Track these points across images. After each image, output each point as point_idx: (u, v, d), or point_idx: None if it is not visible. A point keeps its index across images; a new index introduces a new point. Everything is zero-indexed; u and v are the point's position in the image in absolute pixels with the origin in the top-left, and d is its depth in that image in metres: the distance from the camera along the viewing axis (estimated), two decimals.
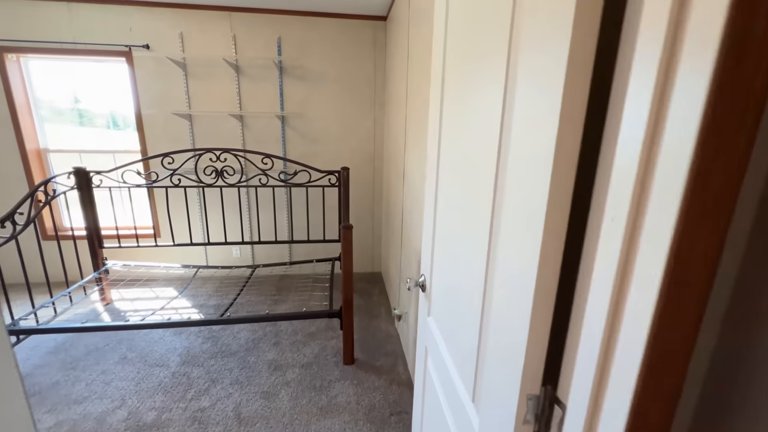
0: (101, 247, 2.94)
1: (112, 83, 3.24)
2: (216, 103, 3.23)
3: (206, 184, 2.90)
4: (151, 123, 3.21)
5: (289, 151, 3.43)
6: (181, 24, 3.05)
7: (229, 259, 3.59)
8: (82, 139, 3.31)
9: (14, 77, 3.02)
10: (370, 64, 3.32)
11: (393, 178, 2.92)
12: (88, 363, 2.30)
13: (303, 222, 3.51)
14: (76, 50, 2.99)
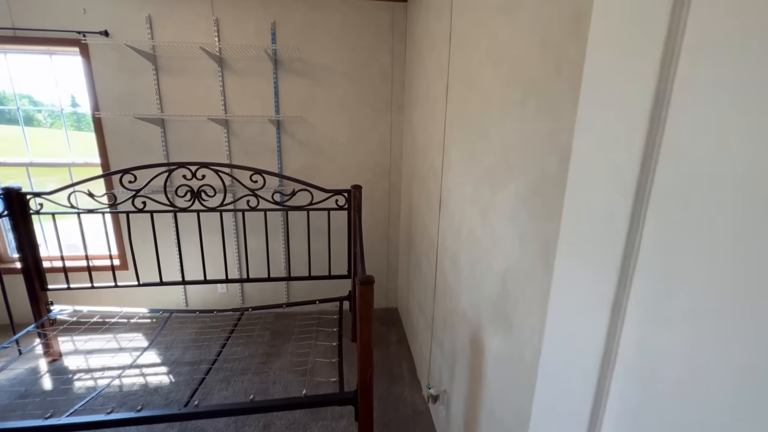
0: (44, 289, 2.29)
1: (67, 79, 2.60)
2: (194, 104, 2.59)
3: (178, 208, 2.25)
4: (113, 129, 2.57)
5: (286, 164, 2.77)
6: (151, 6, 2.41)
7: (213, 296, 2.93)
8: (37, 146, 2.66)
9: None
10: (386, 55, 2.67)
11: (420, 200, 2.27)
12: None
13: (303, 252, 2.85)
14: (18, 38, 2.36)
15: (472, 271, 1.35)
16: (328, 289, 2.97)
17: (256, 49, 2.48)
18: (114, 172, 2.15)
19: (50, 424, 1.45)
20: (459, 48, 1.49)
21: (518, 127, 1.00)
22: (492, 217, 1.17)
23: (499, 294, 1.13)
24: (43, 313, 2.29)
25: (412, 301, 2.53)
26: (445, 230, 1.72)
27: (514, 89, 1.02)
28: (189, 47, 2.41)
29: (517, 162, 1.01)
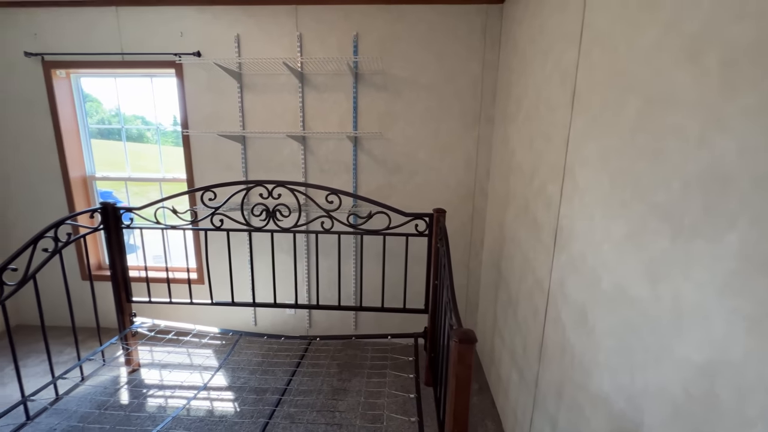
0: (129, 301, 2.35)
1: (164, 99, 2.74)
2: (274, 120, 2.54)
3: (253, 227, 2.17)
4: (199, 146, 2.62)
5: (361, 182, 2.60)
6: (238, 24, 2.43)
7: (281, 318, 2.82)
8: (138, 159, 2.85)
9: (62, 96, 2.64)
10: (476, 64, 2.39)
11: (519, 229, 1.90)
12: None
13: (375, 279, 2.63)
14: (125, 62, 2.53)
15: (625, 343, 0.97)
16: (400, 319, 2.70)
17: (337, 63, 2.36)
18: (195, 189, 2.14)
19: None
20: (600, 45, 1.15)
21: (745, 145, 0.63)
22: (677, 278, 0.80)
23: (691, 396, 0.75)
24: (126, 325, 2.35)
25: (499, 346, 2.14)
26: (563, 273, 1.35)
27: (737, 91, 0.66)
28: (272, 63, 2.37)
29: (746, 197, 0.64)
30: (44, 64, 2.55)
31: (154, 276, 2.70)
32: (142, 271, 2.77)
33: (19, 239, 2.86)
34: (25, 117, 2.65)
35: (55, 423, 1.94)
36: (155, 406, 2.09)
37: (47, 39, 2.52)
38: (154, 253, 2.59)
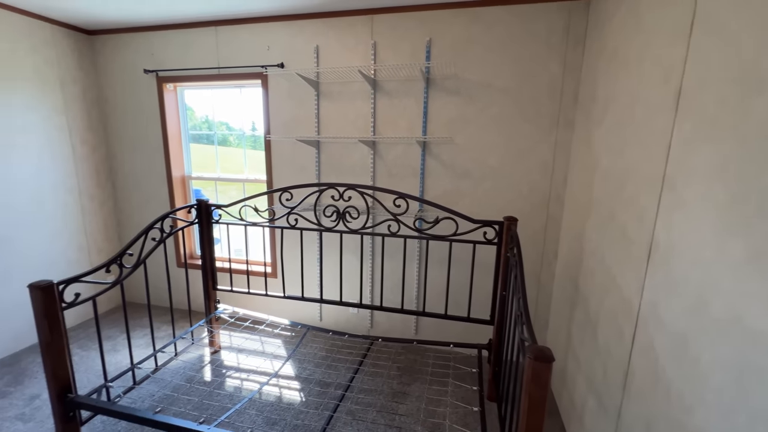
0: (214, 288, 2.61)
1: (251, 107, 3.02)
2: (347, 126, 2.66)
3: (324, 227, 2.28)
4: (278, 150, 2.84)
5: (428, 187, 2.59)
6: (318, 37, 2.59)
7: (345, 317, 2.92)
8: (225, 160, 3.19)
9: (170, 106, 3.05)
10: (556, 64, 2.25)
11: (602, 242, 1.75)
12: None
13: (439, 285, 2.60)
14: (221, 75, 2.84)
15: (741, 382, 0.84)
16: (462, 328, 2.63)
17: (409, 68, 2.40)
18: (275, 190, 2.31)
19: (199, 430, 1.52)
20: (718, 37, 1.01)
21: None
22: None
23: None
24: (211, 309, 2.62)
25: (572, 368, 1.98)
26: (658, 294, 1.20)
27: None
28: (347, 71, 2.48)
29: None
30: (158, 80, 2.97)
31: (235, 268, 2.98)
32: (226, 263, 3.08)
33: (132, 228, 3.35)
34: (141, 124, 3.11)
35: (155, 390, 2.23)
36: (233, 386, 2.30)
37: (161, 57, 2.93)
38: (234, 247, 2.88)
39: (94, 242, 3.19)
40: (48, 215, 2.82)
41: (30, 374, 2.41)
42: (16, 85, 2.58)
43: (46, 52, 2.75)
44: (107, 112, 3.18)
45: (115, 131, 3.20)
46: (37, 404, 2.14)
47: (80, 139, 3.03)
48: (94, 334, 2.87)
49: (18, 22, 2.57)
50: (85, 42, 3.02)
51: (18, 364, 2.52)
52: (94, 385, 2.25)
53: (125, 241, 3.41)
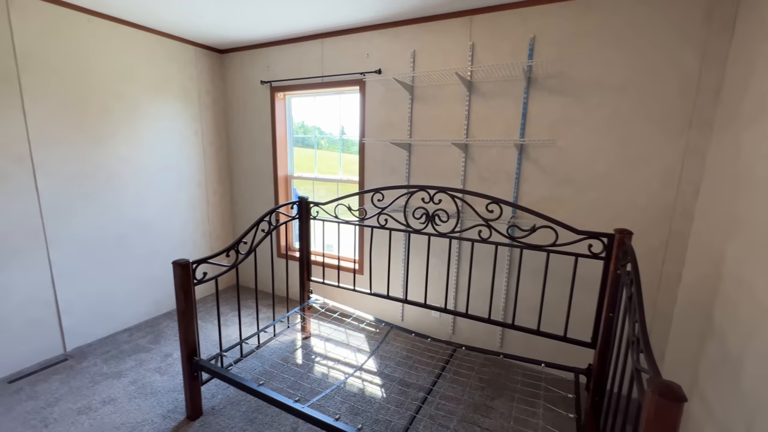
0: (309, 279, 2.84)
1: (342, 112, 3.22)
2: (439, 129, 2.65)
3: (413, 229, 2.31)
4: (371, 153, 2.96)
5: (523, 192, 2.45)
6: (415, 41, 2.64)
7: (426, 319, 2.92)
8: (310, 162, 3.46)
9: (279, 112, 3.41)
10: (692, 56, 1.93)
11: (751, 266, 1.44)
12: (265, 420, 2.04)
13: (530, 299, 2.44)
14: (324, 83, 3.08)
15: None
16: (553, 347, 2.42)
17: (509, 68, 2.29)
18: (368, 190, 2.42)
19: (295, 407, 1.66)
20: None
21: None
22: None
23: None
24: (305, 299, 2.85)
25: (699, 414, 1.67)
26: None
27: None
28: (443, 74, 2.48)
29: None
30: (271, 89, 3.34)
31: (326, 262, 3.19)
32: (319, 256, 3.32)
33: (243, 219, 3.83)
34: (256, 129, 3.53)
35: (257, 364, 2.52)
36: (320, 372, 2.46)
37: (275, 70, 3.29)
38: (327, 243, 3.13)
39: (214, 229, 3.72)
40: (182, 205, 3.38)
41: (165, 336, 2.91)
42: (168, 97, 3.15)
43: (190, 69, 3.31)
44: (230, 119, 3.69)
45: (235, 135, 3.70)
46: (170, 361, 2.57)
47: (209, 141, 3.57)
48: (210, 309, 3.34)
49: (171, 46, 3.13)
50: (217, 60, 3.55)
51: (157, 326, 3.07)
52: (210, 353, 2.63)
53: (237, 229, 3.91)
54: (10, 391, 2.22)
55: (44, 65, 2.38)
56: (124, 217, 2.93)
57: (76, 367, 2.48)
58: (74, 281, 2.65)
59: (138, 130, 2.96)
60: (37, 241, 2.44)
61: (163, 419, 2.03)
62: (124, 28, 2.78)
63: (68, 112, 2.52)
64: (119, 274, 2.92)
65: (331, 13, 2.53)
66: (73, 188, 2.59)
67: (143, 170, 3.03)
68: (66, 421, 1.99)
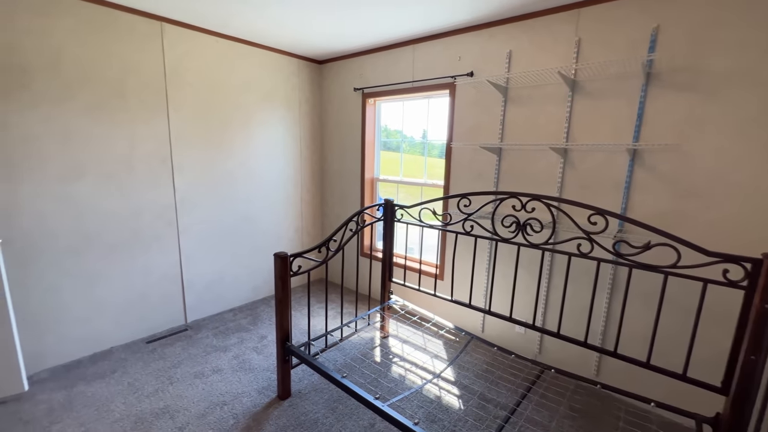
0: (390, 280, 2.90)
1: (426, 116, 3.21)
2: (534, 132, 2.49)
3: (501, 237, 2.20)
4: (458, 157, 2.91)
5: (634, 204, 2.16)
6: (511, 41, 2.52)
7: (509, 333, 2.76)
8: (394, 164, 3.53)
9: (369, 118, 3.56)
10: None
11: None
12: (345, 411, 2.14)
13: (638, 325, 2.14)
14: (414, 88, 3.12)
15: None
16: (666, 386, 2.07)
17: (622, 64, 2.04)
18: (454, 195, 2.37)
19: (376, 404, 1.71)
20: None
21: None
22: None
23: None
24: (386, 299, 2.92)
25: None
26: None
27: None
28: (542, 74, 2.32)
29: None
30: (363, 96, 3.51)
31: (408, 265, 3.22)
32: (400, 259, 3.37)
33: (331, 218, 4.09)
34: (346, 133, 3.74)
35: (339, 356, 2.66)
36: (398, 374, 2.49)
37: (368, 77, 3.45)
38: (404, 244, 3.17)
39: (305, 226, 4.04)
40: (281, 203, 3.74)
41: (262, 319, 3.25)
42: (275, 105, 3.52)
43: (293, 80, 3.65)
44: (324, 123, 3.97)
45: (328, 139, 3.96)
46: (265, 342, 2.86)
47: (305, 145, 3.89)
48: (299, 299, 3.63)
49: (280, 59, 3.49)
50: (317, 70, 3.86)
51: (255, 309, 3.44)
52: (297, 340, 2.85)
53: (326, 227, 4.19)
54: (147, 350, 2.70)
55: (183, 81, 2.85)
56: (235, 212, 3.35)
57: (194, 337, 2.91)
58: (195, 264, 3.11)
59: (250, 135, 3.36)
60: (172, 228, 2.93)
61: (258, 394, 2.26)
62: (242, 46, 3.19)
63: (198, 121, 2.98)
64: (228, 261, 3.35)
65: (425, 19, 2.56)
66: (199, 185, 3.06)
67: (252, 170, 3.43)
68: (185, 382, 2.35)
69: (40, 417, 2.02)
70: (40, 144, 2.27)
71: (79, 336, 2.55)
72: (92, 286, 2.57)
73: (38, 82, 2.22)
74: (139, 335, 2.85)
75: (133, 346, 2.74)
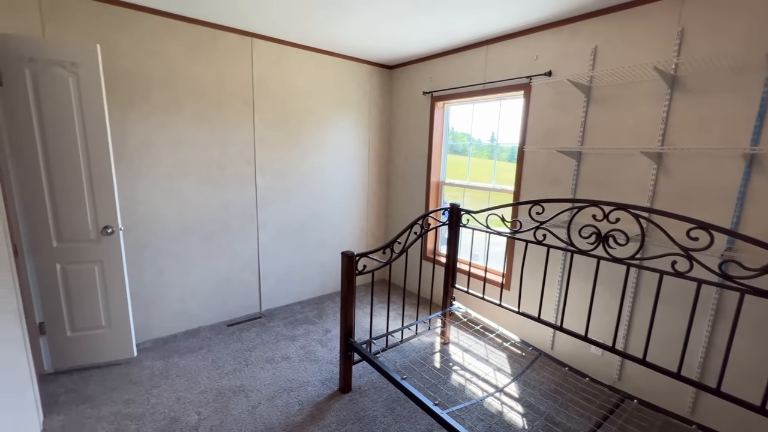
0: (452, 286, 2.85)
1: (508, 119, 3.09)
2: (621, 134, 2.25)
3: (577, 249, 2.03)
4: (531, 161, 2.75)
5: (748, 218, 1.84)
6: (597, 36, 2.32)
7: (583, 353, 2.53)
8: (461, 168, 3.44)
9: (437, 121, 3.55)
10: None
11: None
12: (403, 413, 2.15)
13: (754, 363, 1.82)
14: (485, 90, 3.04)
15: None
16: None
17: (740, 56, 1.75)
18: (526, 202, 2.25)
19: (436, 411, 1.69)
20: None
21: None
22: None
23: None
24: (447, 305, 2.87)
25: None
26: None
27: None
28: (634, 70, 2.10)
29: None
30: (432, 99, 3.50)
31: (472, 272, 3.13)
32: (463, 265, 3.29)
33: (395, 220, 4.14)
34: (414, 137, 3.77)
35: (398, 358, 2.68)
36: (457, 382, 2.43)
37: (438, 80, 3.44)
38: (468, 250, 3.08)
39: (370, 227, 4.15)
40: (348, 203, 3.89)
41: (326, 314, 3.42)
42: (346, 110, 3.69)
43: (364, 86, 3.79)
44: (392, 128, 4.05)
45: (395, 142, 4.03)
46: (329, 336, 3.00)
47: (373, 148, 4.00)
48: (361, 298, 3.74)
49: (352, 66, 3.65)
50: (387, 75, 3.95)
51: (321, 304, 3.63)
52: (359, 338, 2.94)
53: (389, 229, 4.26)
54: (228, 332, 3.01)
55: (266, 90, 3.13)
56: (306, 210, 3.57)
57: (267, 324, 3.17)
58: (270, 257, 3.39)
59: (322, 139, 3.56)
60: (252, 223, 3.22)
61: (321, 384, 2.38)
62: (319, 55, 3.40)
63: (278, 125, 3.25)
64: (298, 256, 3.59)
65: (499, 19, 2.48)
66: (276, 184, 3.32)
67: (323, 172, 3.63)
68: (258, 365, 2.57)
69: (144, 380, 2.36)
70: (155, 148, 2.67)
71: (176, 314, 2.94)
72: (188, 270, 2.94)
73: (155, 95, 2.61)
74: (222, 318, 3.18)
75: (216, 328, 3.07)
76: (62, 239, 2.25)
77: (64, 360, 2.37)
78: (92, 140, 2.21)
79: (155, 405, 2.14)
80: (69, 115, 2.15)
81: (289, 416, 2.09)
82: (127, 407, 2.11)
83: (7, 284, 1.70)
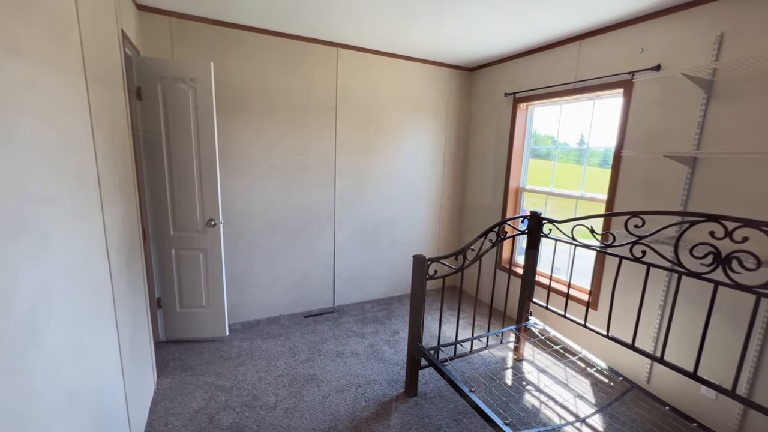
0: (529, 299, 2.66)
1: (601, 120, 2.79)
2: (755, 137, 1.88)
3: (687, 270, 1.74)
4: (630, 167, 2.45)
5: None
6: (726, 21, 1.96)
7: (692, 394, 2.15)
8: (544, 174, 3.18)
9: (519, 124, 3.36)
10: None
11: None
12: (469, 426, 2.07)
13: None
14: (576, 90, 2.79)
15: None
16: None
17: None
18: (622, 213, 2.00)
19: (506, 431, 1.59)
20: None
21: None
22: None
23: None
24: (523, 319, 2.69)
25: None
26: None
27: None
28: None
29: None
30: (514, 101, 3.33)
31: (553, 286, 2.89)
32: (543, 278, 3.06)
33: (469, 227, 4.02)
34: (493, 140, 3.62)
35: (466, 368, 2.59)
36: (531, 404, 2.26)
37: (521, 81, 3.26)
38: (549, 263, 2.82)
39: (442, 231, 4.09)
40: (421, 206, 3.89)
41: (395, 315, 3.46)
42: (423, 114, 3.70)
43: (443, 89, 3.75)
44: (470, 131, 3.95)
45: (472, 146, 3.92)
46: (396, 338, 3.03)
47: (449, 152, 3.94)
48: (431, 303, 3.70)
49: (431, 70, 3.65)
50: (466, 77, 3.86)
51: (390, 305, 3.68)
52: (426, 343, 2.91)
53: (463, 235, 4.15)
54: (304, 323, 3.23)
55: (348, 95, 3.29)
56: (380, 211, 3.66)
57: (339, 320, 3.32)
58: (345, 255, 3.55)
59: (399, 143, 3.62)
60: (330, 222, 3.41)
61: (387, 384, 2.41)
62: (399, 61, 3.46)
63: (357, 130, 3.39)
64: (370, 257, 3.69)
65: (598, 11, 2.25)
66: (353, 186, 3.47)
67: (398, 175, 3.69)
68: (328, 358, 2.70)
69: (233, 357, 2.65)
70: (252, 151, 2.99)
71: (262, 301, 3.25)
72: (273, 262, 3.23)
73: (253, 104, 2.93)
74: (299, 309, 3.42)
75: (294, 318, 3.31)
76: (177, 228, 2.65)
77: (174, 331, 2.78)
78: (203, 145, 2.56)
79: (241, 381, 2.39)
80: (187, 124, 2.52)
81: (356, 411, 2.16)
82: (219, 379, 2.39)
83: (139, 264, 2.06)
